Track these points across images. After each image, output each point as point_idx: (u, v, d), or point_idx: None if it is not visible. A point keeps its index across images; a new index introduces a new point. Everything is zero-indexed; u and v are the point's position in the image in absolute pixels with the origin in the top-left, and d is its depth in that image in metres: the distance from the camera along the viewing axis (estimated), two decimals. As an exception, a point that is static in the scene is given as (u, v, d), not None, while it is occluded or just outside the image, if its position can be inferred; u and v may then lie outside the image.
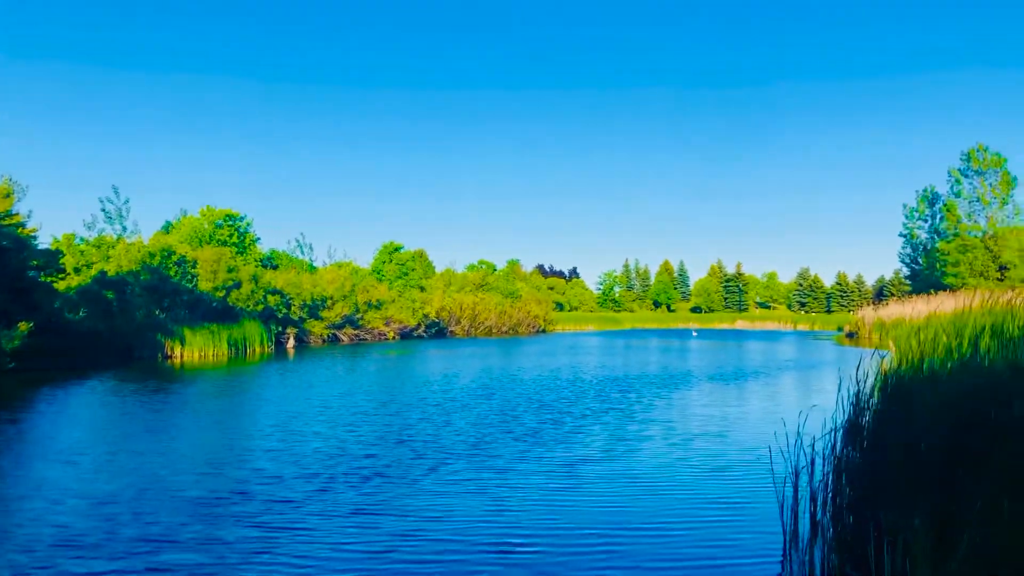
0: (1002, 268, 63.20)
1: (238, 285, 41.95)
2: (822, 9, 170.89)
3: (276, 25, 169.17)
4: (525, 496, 9.20)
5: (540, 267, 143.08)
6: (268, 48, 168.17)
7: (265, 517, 8.25)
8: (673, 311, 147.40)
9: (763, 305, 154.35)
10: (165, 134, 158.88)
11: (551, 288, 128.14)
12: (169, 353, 34.39)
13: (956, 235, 66.24)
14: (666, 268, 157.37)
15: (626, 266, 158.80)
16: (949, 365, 8.26)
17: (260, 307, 43.06)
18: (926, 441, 6.62)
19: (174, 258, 39.65)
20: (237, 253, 52.45)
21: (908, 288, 78.96)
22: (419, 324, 59.86)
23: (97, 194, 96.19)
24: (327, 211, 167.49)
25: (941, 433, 6.61)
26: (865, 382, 8.99)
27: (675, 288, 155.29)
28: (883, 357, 10.25)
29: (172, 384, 22.90)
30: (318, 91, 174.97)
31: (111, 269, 38.26)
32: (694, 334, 78.95)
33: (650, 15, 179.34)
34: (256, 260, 54.70)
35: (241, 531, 7.77)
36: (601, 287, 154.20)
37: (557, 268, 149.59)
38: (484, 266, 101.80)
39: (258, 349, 40.07)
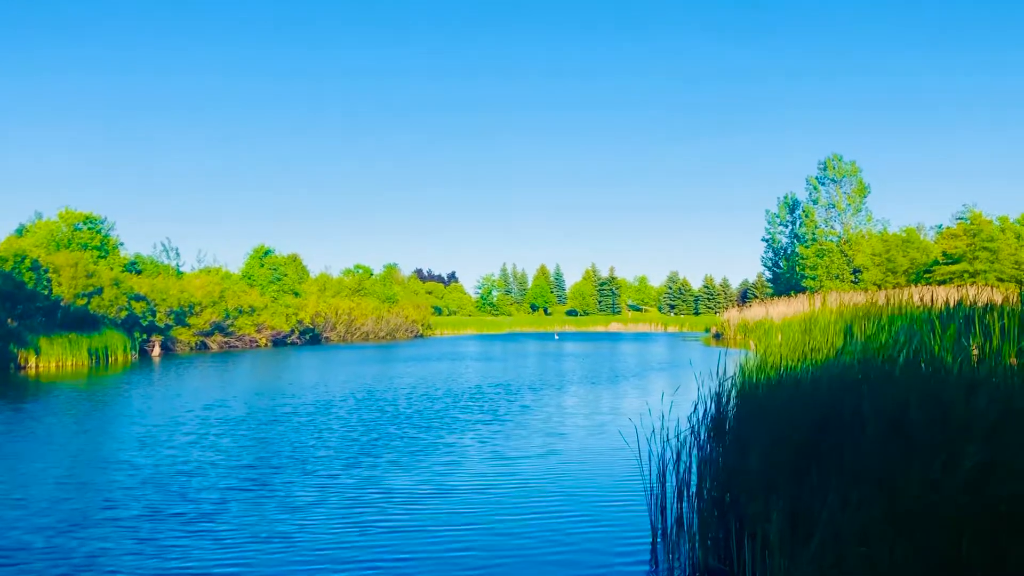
0: (856, 271, 67.05)
1: (99, 291, 39.93)
2: (693, 13, 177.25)
3: (136, 13, 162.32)
4: (389, 522, 8.59)
5: (418, 271, 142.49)
6: (126, 37, 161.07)
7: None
8: (550, 314, 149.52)
9: (635, 308, 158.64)
10: (14, 131, 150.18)
11: (429, 292, 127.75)
12: (23, 364, 32.46)
13: (814, 240, 69.83)
14: (543, 272, 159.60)
15: (504, 270, 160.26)
16: (804, 363, 8.67)
17: (124, 314, 41.14)
18: (783, 436, 6.90)
19: (27, 263, 37.35)
20: (99, 258, 49.90)
21: (770, 290, 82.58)
22: (293, 330, 58.39)
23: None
24: (194, 215, 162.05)
25: (797, 428, 6.91)
26: (727, 381, 9.35)
27: (552, 292, 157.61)
28: (745, 356, 10.69)
29: (6, 398, 21.22)
30: (179, 84, 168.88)
31: (-46, 275, 35.66)
32: (556, 337, 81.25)
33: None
34: (119, 265, 52.16)
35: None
36: (479, 291, 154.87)
37: (436, 272, 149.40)
38: (361, 271, 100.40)
39: (120, 358, 38.26)
